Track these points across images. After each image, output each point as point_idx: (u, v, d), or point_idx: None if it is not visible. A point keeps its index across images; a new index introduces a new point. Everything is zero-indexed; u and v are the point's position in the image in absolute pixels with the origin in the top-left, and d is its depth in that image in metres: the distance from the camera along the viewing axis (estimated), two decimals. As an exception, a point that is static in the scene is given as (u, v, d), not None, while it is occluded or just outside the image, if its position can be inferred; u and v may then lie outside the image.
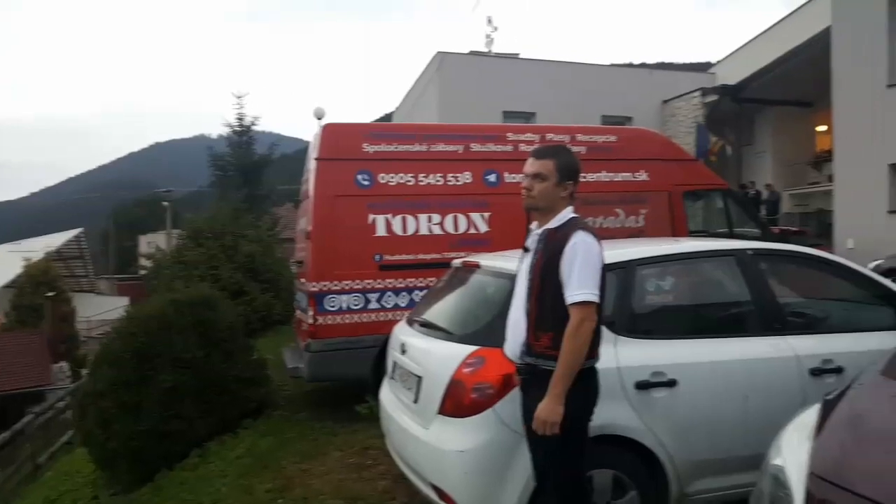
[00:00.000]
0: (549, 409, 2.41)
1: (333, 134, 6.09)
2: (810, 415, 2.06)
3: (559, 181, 2.60)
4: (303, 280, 6.26)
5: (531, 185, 2.61)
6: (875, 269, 11.26)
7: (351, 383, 6.00)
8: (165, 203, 33.83)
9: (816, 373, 3.27)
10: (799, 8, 21.69)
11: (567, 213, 2.62)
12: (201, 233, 12.40)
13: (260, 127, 19.34)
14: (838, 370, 3.28)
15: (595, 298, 2.44)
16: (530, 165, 2.65)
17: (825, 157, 20.34)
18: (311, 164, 6.03)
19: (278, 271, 12.43)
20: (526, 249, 2.69)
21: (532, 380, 2.57)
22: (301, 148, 7.35)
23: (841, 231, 15.16)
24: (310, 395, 6.90)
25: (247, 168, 18.16)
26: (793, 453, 1.88)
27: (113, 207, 68.66)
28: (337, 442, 5.21)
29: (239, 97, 18.54)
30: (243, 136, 18.67)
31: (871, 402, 1.95)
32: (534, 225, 2.71)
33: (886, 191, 14.07)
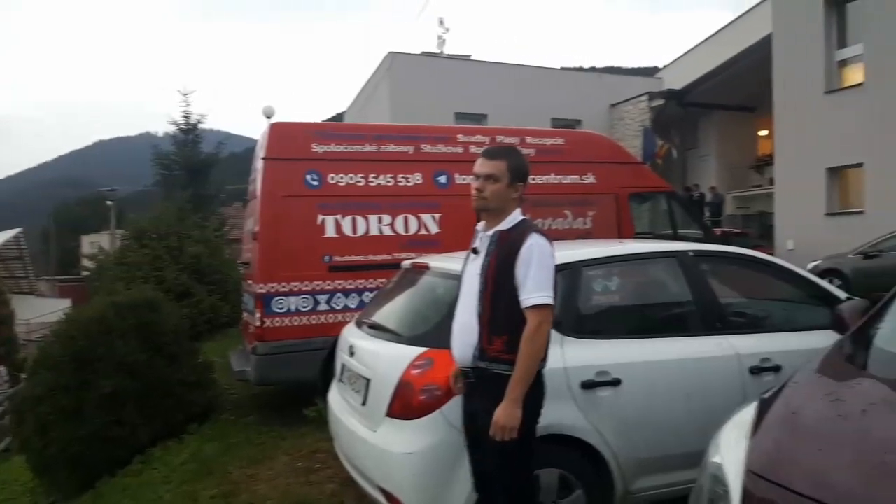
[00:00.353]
0: (509, 413, 2.37)
1: (281, 133, 6.00)
2: (748, 413, 2.11)
3: (511, 182, 2.56)
4: (249, 282, 6.14)
5: (483, 186, 2.54)
6: (813, 270, 11.76)
7: (299, 386, 5.92)
8: (109, 202, 32.79)
9: (756, 371, 3.37)
10: (741, 15, 22.43)
11: (517, 215, 2.59)
12: (145, 233, 12.09)
13: (208, 125, 18.94)
14: (776, 368, 3.38)
15: (552, 301, 2.44)
16: (482, 166, 2.58)
17: (767, 161, 21.04)
18: (259, 164, 5.92)
19: (226, 273, 12.19)
20: (475, 251, 2.62)
21: (479, 384, 2.52)
22: (250, 146, 7.20)
23: (781, 233, 15.71)
24: (257, 398, 6.78)
25: (193, 167, 17.75)
26: (731, 451, 1.92)
27: (54, 206, 66.16)
28: (284, 446, 5.13)
29: (185, 94, 18.13)
30: (189, 134, 18.24)
31: (805, 400, 2.01)
32: (480, 226, 2.66)
33: (824, 194, 14.64)
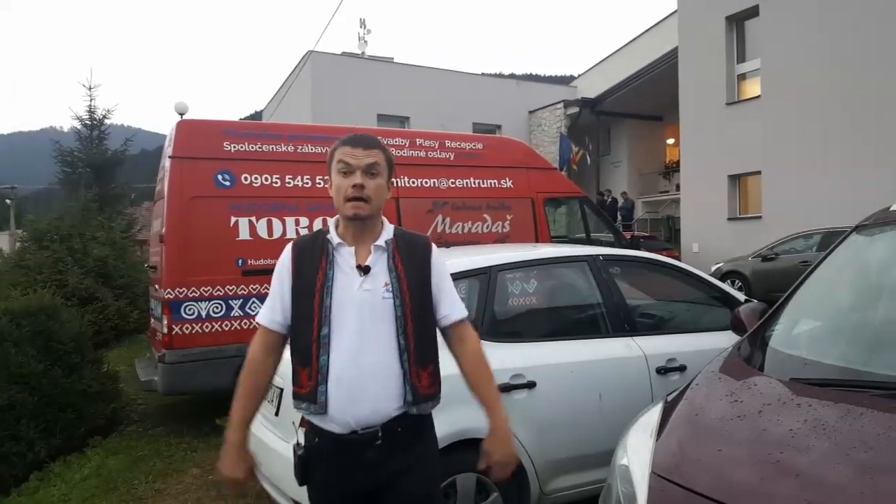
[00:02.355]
0: (510, 441, 1.98)
1: (190, 131, 5.77)
2: (654, 414, 2.18)
3: (388, 178, 1.99)
4: (156, 286, 5.88)
5: (364, 183, 1.89)
6: (716, 272, 12.41)
7: (211, 395, 5.71)
8: (8, 201, 30.74)
9: (662, 371, 3.50)
10: (649, 28, 23.47)
11: (385, 221, 2.04)
12: (46, 234, 11.37)
13: (116, 120, 18.04)
14: (682, 368, 3.53)
15: None
16: (364, 155, 1.91)
17: (674, 168, 22.10)
18: (166, 163, 5.67)
19: (134, 276, 11.66)
20: (366, 269, 1.91)
21: (400, 440, 1.89)
22: (162, 143, 6.91)
23: (687, 236, 16.51)
24: (167, 408, 6.49)
25: (98, 164, 16.86)
26: (637, 452, 1.98)
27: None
28: (196, 458, 4.93)
29: (90, 88, 17.19)
30: (95, 129, 17.31)
31: (706, 402, 2.09)
32: (334, 236, 1.96)
33: (726, 200, 15.49)
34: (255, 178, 5.72)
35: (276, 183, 5.80)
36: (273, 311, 1.98)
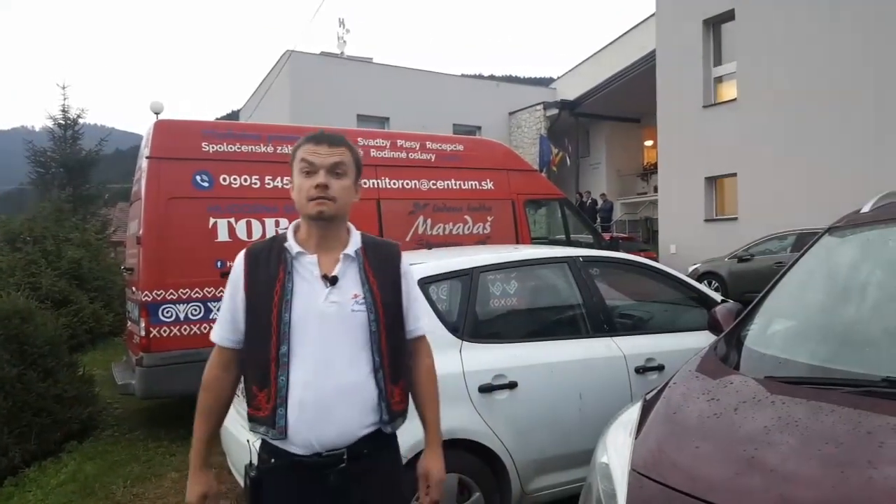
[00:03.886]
0: (440, 459, 1.89)
1: (167, 131, 5.71)
2: (633, 412, 2.22)
3: (356, 180, 1.85)
4: (134, 289, 5.81)
5: (328, 182, 1.74)
6: (693, 272, 12.56)
7: (189, 399, 5.66)
8: (-22, 202, 30.12)
9: (641, 371, 3.54)
10: (628, 31, 23.69)
11: (352, 227, 1.90)
12: (18, 236, 11.20)
13: (90, 119, 17.85)
14: (660, 368, 3.58)
15: None
16: (328, 153, 1.76)
17: (652, 170, 22.32)
18: (143, 164, 5.61)
19: (109, 278, 11.51)
20: (333, 280, 1.75)
21: (371, 460, 1.77)
22: (137, 143, 6.83)
23: (665, 237, 16.68)
24: (144, 412, 6.42)
25: (72, 164, 16.64)
26: (617, 451, 2.02)
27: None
28: (174, 462, 4.88)
29: (64, 87, 16.96)
30: (68, 129, 17.09)
31: (684, 400, 2.13)
32: (292, 242, 1.79)
33: (703, 202, 15.68)
34: (234, 179, 5.69)
35: (255, 184, 5.76)
36: (225, 328, 1.82)
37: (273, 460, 1.76)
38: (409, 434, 1.96)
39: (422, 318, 1.93)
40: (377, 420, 1.77)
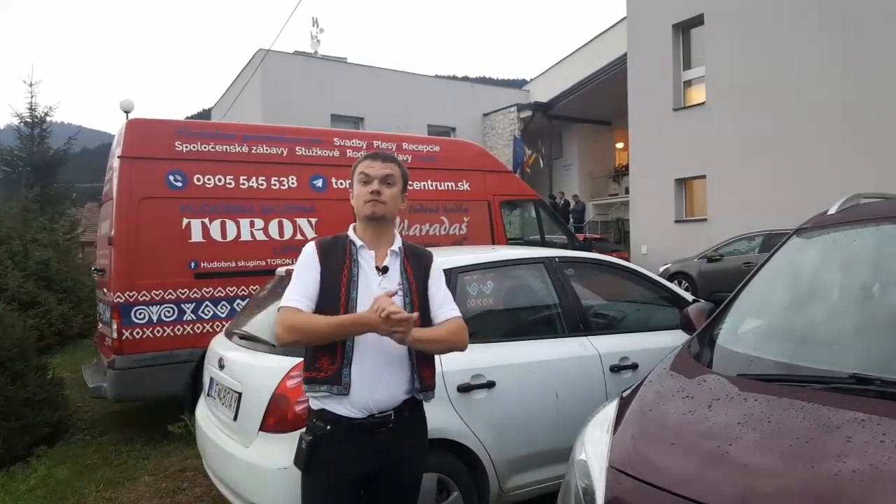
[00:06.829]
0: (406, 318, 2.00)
1: (139, 130, 5.64)
2: (610, 410, 2.26)
3: (403, 189, 2.29)
4: (105, 290, 5.72)
5: (381, 190, 2.19)
6: (664, 273, 12.75)
7: (163, 401, 5.59)
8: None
9: (616, 369, 3.61)
10: (599, 35, 23.95)
11: (396, 232, 2.34)
12: (-17, 237, 10.95)
13: (58, 117, 17.51)
14: (634, 366, 3.64)
15: None
16: (380, 168, 2.23)
17: (623, 172, 22.58)
18: (115, 163, 5.53)
19: (77, 279, 11.31)
20: (384, 269, 2.19)
21: (405, 423, 2.17)
22: (106, 142, 6.72)
23: (636, 238, 16.89)
24: (116, 415, 6.32)
25: (39, 163, 16.29)
26: (594, 448, 2.06)
27: None
28: (148, 466, 4.83)
29: (31, 85, 16.59)
30: (35, 128, 16.72)
31: (659, 397, 2.18)
32: (356, 237, 2.23)
33: (673, 203, 15.92)
34: (209, 179, 5.63)
35: (229, 184, 5.71)
36: (301, 295, 2.13)
37: (328, 427, 2.11)
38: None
39: (451, 307, 2.25)
40: (411, 388, 2.17)
